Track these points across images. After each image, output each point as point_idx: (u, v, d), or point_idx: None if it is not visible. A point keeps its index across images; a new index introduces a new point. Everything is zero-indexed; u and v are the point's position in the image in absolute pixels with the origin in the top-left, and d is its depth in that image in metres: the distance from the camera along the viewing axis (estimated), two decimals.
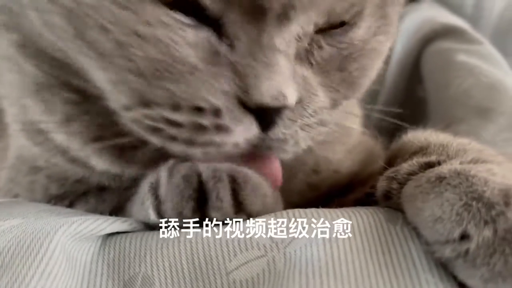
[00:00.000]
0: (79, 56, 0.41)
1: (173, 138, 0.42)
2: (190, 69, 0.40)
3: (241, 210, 0.42)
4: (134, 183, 0.48)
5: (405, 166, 0.42)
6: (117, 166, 0.50)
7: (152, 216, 0.43)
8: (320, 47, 0.45)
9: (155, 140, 0.43)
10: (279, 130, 0.43)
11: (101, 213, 0.49)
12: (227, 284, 0.38)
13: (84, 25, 0.39)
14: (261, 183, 0.44)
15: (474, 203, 0.34)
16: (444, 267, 0.35)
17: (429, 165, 0.41)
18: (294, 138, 0.45)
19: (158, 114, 0.41)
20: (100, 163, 0.51)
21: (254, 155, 0.45)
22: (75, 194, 0.56)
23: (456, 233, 0.33)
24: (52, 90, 0.49)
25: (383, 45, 0.50)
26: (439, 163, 0.41)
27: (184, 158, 0.44)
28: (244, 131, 0.42)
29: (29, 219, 0.43)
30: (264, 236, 0.40)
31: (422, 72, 0.86)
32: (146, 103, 0.41)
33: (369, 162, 0.59)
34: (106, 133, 0.48)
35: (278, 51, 0.41)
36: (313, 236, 0.39)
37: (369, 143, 0.64)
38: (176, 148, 0.43)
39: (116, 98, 0.43)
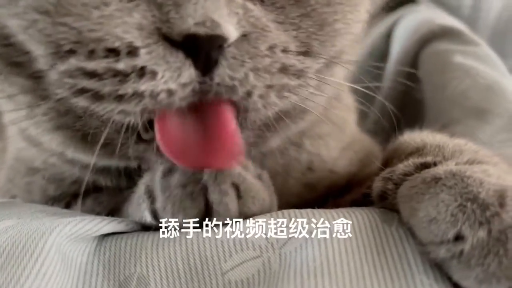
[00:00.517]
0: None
1: (97, 96, 0.36)
2: (97, 2, 0.35)
3: (240, 215, 0.42)
4: (131, 183, 0.48)
5: (401, 167, 0.42)
6: (96, 158, 0.44)
7: (149, 219, 0.43)
8: None
9: (81, 103, 0.37)
10: (224, 72, 0.36)
11: (98, 214, 0.49)
12: (223, 285, 0.38)
13: None
14: (259, 190, 0.43)
15: (469, 204, 0.34)
16: (439, 268, 0.35)
17: (425, 166, 0.41)
18: (247, 85, 0.37)
19: (73, 66, 0.36)
20: (76, 155, 0.48)
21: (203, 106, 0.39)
22: (72, 195, 0.56)
23: (451, 234, 0.33)
24: (8, 79, 0.43)
25: None
26: (435, 164, 0.41)
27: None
28: (174, 73, 0.35)
29: (25, 219, 0.43)
30: (260, 236, 0.40)
31: (420, 73, 0.86)
32: (59, 53, 0.36)
33: (367, 163, 0.59)
34: (67, 120, 0.44)
35: None
36: (308, 236, 0.39)
37: (367, 143, 0.64)
38: (104, 108, 0.37)
39: (33, 50, 0.38)
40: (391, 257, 0.37)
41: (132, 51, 0.35)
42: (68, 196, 0.56)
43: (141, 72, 0.35)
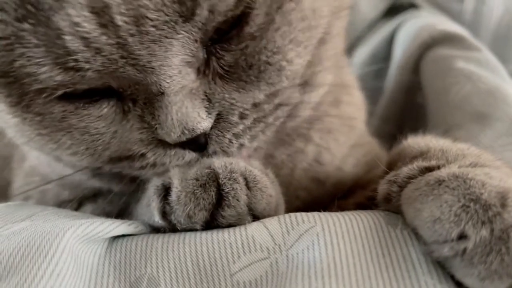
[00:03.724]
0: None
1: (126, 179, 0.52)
2: (111, 135, 0.46)
3: (249, 209, 0.43)
4: (141, 186, 0.49)
5: (405, 170, 0.43)
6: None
7: (157, 218, 0.44)
8: (218, 57, 0.44)
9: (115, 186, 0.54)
10: (214, 148, 0.46)
11: (108, 214, 0.50)
12: (231, 285, 0.39)
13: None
14: (267, 184, 0.45)
15: (471, 204, 0.35)
16: (442, 268, 0.36)
17: (429, 170, 0.42)
18: (235, 144, 0.47)
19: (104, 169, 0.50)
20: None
21: None
22: (85, 197, 0.57)
23: (455, 233, 0.34)
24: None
25: (293, 12, 0.45)
26: (438, 168, 0.42)
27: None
28: (179, 159, 0.47)
29: (38, 221, 0.44)
30: (267, 238, 0.41)
31: (422, 79, 0.87)
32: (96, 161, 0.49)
33: (373, 167, 0.60)
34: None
35: (168, 94, 0.42)
36: (315, 239, 0.40)
37: (374, 146, 0.66)
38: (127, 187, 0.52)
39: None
40: (396, 259, 0.37)
41: (143, 155, 0.47)
42: (80, 198, 0.57)
43: (153, 164, 0.47)
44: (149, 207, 0.45)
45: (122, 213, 0.53)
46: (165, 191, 0.45)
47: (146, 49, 0.39)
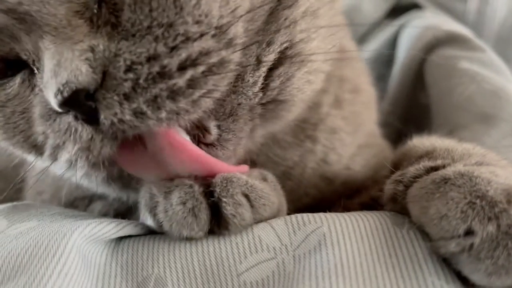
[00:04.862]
0: None
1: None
2: (21, 115, 0.43)
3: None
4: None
5: (412, 170, 0.43)
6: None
7: (156, 228, 0.43)
8: (108, 2, 0.39)
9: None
10: (105, 115, 0.38)
11: (117, 211, 0.50)
12: (238, 286, 0.39)
13: None
14: (269, 194, 0.44)
15: (478, 201, 0.35)
16: (449, 268, 0.36)
17: (435, 169, 0.42)
18: (127, 109, 0.37)
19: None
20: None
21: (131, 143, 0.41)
22: (95, 195, 0.57)
23: (462, 229, 0.35)
24: None
25: None
26: (444, 167, 0.42)
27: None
28: (72, 133, 0.40)
29: (45, 221, 0.44)
30: (274, 239, 0.41)
31: (426, 79, 0.87)
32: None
33: (381, 168, 0.60)
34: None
35: (51, 48, 0.38)
36: (321, 239, 0.40)
37: (385, 150, 0.65)
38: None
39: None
40: (403, 259, 0.38)
41: (45, 136, 0.43)
42: (91, 196, 0.58)
43: (55, 148, 0.43)
44: (146, 218, 0.44)
45: (131, 211, 0.53)
46: (156, 203, 0.42)
47: None
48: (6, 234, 0.43)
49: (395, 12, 1.14)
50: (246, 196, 0.42)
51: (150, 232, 0.46)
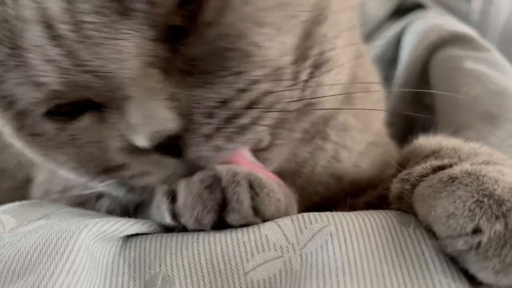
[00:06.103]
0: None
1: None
2: (94, 145, 0.46)
3: (257, 214, 0.43)
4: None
5: (418, 169, 0.43)
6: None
7: (168, 219, 0.44)
8: (181, 53, 0.42)
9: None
10: (189, 151, 0.43)
11: (125, 207, 0.51)
12: (245, 284, 0.39)
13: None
14: (274, 188, 0.45)
15: (485, 199, 0.36)
16: (456, 267, 0.36)
17: (442, 168, 0.42)
18: (208, 146, 0.43)
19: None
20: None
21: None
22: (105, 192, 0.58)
23: (469, 228, 0.35)
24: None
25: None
26: (450, 166, 0.42)
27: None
28: (159, 166, 0.45)
29: (53, 220, 0.45)
30: (280, 237, 0.41)
31: (430, 79, 0.87)
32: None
33: (387, 167, 0.61)
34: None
35: (132, 97, 0.42)
36: (328, 238, 0.40)
37: (391, 149, 0.65)
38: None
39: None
40: (410, 258, 0.38)
41: (123, 165, 0.47)
42: (99, 193, 0.58)
43: (138, 175, 0.47)
44: (160, 209, 0.45)
45: (139, 209, 0.54)
46: (174, 193, 0.45)
47: (94, 54, 0.39)
48: (15, 232, 0.43)
49: (399, 12, 1.15)
50: (249, 182, 0.43)
51: (157, 231, 0.46)
